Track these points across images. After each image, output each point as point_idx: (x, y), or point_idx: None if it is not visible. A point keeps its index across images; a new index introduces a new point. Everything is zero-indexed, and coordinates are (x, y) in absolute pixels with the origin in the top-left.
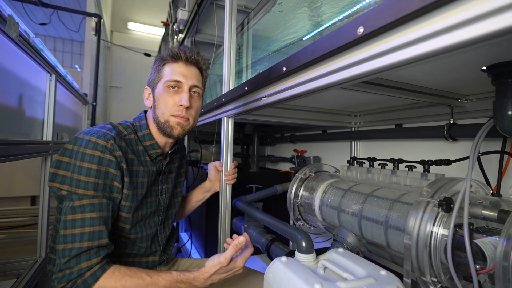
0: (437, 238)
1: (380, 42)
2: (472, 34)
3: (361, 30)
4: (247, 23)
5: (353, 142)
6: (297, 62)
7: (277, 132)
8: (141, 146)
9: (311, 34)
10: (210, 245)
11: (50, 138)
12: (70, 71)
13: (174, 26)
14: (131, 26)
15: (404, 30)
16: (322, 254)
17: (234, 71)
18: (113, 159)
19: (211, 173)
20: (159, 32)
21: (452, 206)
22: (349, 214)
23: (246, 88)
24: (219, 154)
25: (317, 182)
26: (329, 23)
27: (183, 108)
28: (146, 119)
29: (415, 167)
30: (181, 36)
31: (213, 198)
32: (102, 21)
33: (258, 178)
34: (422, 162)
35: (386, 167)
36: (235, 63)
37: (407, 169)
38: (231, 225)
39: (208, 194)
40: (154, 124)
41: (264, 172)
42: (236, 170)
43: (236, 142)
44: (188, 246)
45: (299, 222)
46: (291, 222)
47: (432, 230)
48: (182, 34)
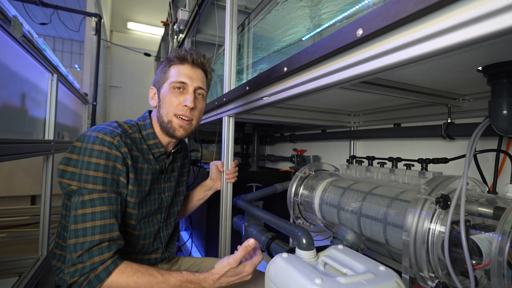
0: (434, 234)
1: (378, 44)
2: (467, 36)
3: (360, 32)
4: (248, 24)
5: (352, 141)
6: (298, 63)
7: (276, 131)
8: (145, 145)
9: (311, 34)
10: (210, 244)
11: (52, 137)
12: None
13: (175, 26)
14: (131, 26)
15: (402, 32)
16: (322, 251)
17: (235, 71)
18: (119, 155)
19: (213, 172)
20: (159, 32)
21: (449, 203)
22: (348, 212)
23: (247, 87)
24: (220, 153)
25: (316, 181)
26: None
27: (187, 108)
28: (151, 119)
29: (413, 166)
30: (181, 36)
31: (213, 197)
32: (102, 21)
33: (258, 177)
34: (420, 160)
35: (384, 166)
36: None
37: (406, 167)
38: (232, 223)
39: (209, 192)
40: (157, 123)
41: (264, 171)
42: (237, 169)
43: (236, 141)
44: (188, 245)
45: (299, 220)
46: (291, 220)
47: (429, 227)
48: (182, 34)
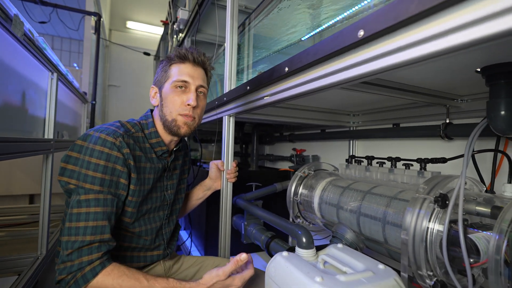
0: (433, 233)
1: (380, 45)
2: (468, 38)
3: (361, 33)
4: (248, 24)
5: (351, 141)
6: (299, 63)
7: (276, 131)
8: (147, 144)
9: (310, 34)
10: (210, 243)
11: (51, 136)
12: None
13: (174, 26)
14: (130, 25)
15: (402, 34)
16: (321, 250)
17: (235, 71)
18: (120, 156)
19: (212, 171)
20: (158, 31)
21: (447, 202)
22: (347, 211)
23: (248, 87)
24: (219, 153)
25: (316, 180)
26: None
27: (191, 107)
28: (153, 118)
29: (412, 165)
30: (181, 35)
31: (213, 197)
32: (101, 20)
33: (257, 176)
34: (418, 160)
35: (383, 165)
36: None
37: (404, 167)
38: (231, 222)
39: (208, 192)
40: (160, 122)
41: (263, 170)
42: (237, 168)
43: (235, 141)
44: (188, 244)
45: (298, 220)
46: (291, 220)
47: (428, 226)
48: (182, 33)
